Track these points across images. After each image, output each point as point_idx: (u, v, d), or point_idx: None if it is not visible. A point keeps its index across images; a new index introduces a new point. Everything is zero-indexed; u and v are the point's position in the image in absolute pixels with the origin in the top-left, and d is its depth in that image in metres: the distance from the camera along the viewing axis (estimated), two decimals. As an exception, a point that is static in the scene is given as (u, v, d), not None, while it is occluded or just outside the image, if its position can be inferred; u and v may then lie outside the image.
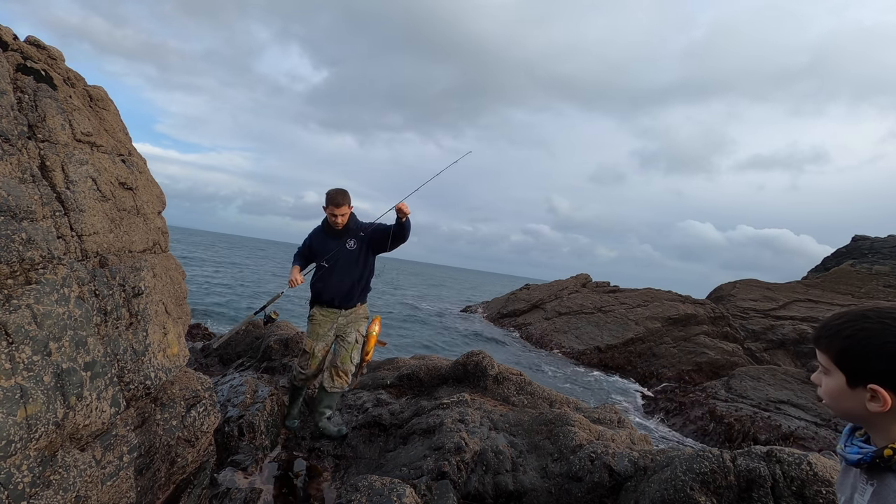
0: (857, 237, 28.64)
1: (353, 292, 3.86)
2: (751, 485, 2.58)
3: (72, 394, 1.75)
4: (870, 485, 0.95)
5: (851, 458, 0.98)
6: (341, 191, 3.78)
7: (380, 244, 3.75)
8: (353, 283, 3.84)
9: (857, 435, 1.04)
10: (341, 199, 3.74)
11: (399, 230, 3.60)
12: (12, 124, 2.01)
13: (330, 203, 3.75)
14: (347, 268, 3.81)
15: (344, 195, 3.76)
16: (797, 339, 18.18)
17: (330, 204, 3.75)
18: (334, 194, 3.74)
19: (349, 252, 3.80)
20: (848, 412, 1.00)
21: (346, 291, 3.83)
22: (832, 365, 1.00)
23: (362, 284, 3.92)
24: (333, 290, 3.82)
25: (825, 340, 1.01)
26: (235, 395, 4.04)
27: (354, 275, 3.84)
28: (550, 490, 3.13)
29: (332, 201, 3.74)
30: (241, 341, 6.37)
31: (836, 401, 1.00)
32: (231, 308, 16.77)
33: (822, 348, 1.03)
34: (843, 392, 0.98)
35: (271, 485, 3.30)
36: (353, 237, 3.82)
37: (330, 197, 3.76)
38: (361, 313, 4.00)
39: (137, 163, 3.00)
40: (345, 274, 3.81)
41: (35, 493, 1.55)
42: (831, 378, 1.01)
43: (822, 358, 1.03)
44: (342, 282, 3.81)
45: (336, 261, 3.78)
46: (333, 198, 3.74)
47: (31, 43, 2.60)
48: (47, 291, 1.78)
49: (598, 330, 18.41)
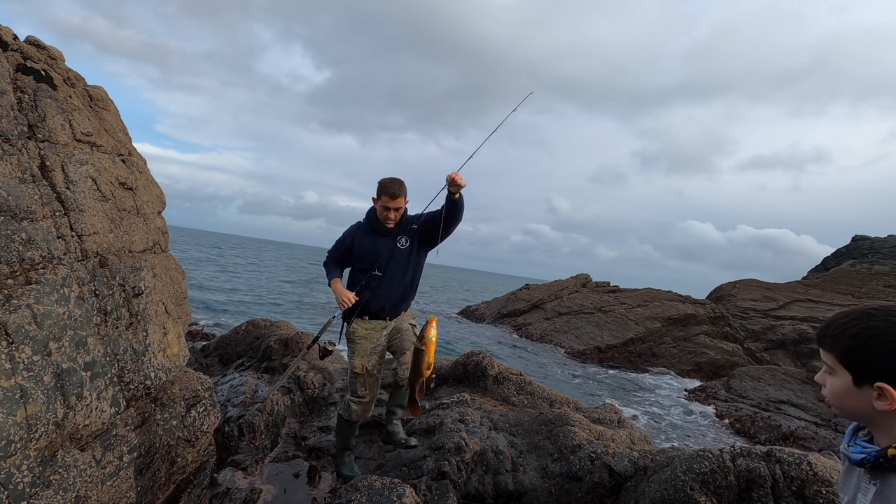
0: (857, 237, 28.66)
1: (405, 299, 3.27)
2: (751, 485, 2.58)
3: (72, 394, 1.75)
4: (872, 484, 0.95)
5: (855, 457, 0.98)
6: (397, 180, 3.09)
7: (431, 235, 3.10)
8: (405, 288, 3.23)
9: (860, 435, 1.04)
10: (397, 189, 3.06)
11: (452, 209, 2.92)
12: (12, 124, 2.01)
13: (383, 193, 3.07)
14: (399, 271, 3.18)
15: (401, 185, 3.08)
16: (797, 339, 18.18)
17: (383, 195, 3.07)
18: (389, 183, 3.07)
19: (401, 251, 3.16)
20: (853, 411, 0.99)
21: (398, 299, 3.21)
22: (837, 364, 0.99)
23: (414, 288, 3.33)
24: (384, 299, 3.17)
25: (830, 339, 1.00)
26: (235, 395, 4.04)
27: (406, 278, 3.22)
28: (550, 490, 3.13)
29: (386, 191, 3.06)
30: (241, 341, 6.37)
31: (842, 400, 0.99)
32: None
33: (826, 347, 1.02)
34: (850, 391, 0.97)
35: (271, 485, 3.30)
36: (404, 234, 3.18)
37: (383, 186, 3.07)
38: (408, 317, 3.41)
39: (137, 163, 3.00)
40: (397, 278, 3.17)
41: (35, 493, 1.55)
42: (836, 377, 1.00)
43: (826, 357, 1.02)
44: (393, 288, 3.17)
45: (387, 264, 3.13)
46: (388, 187, 3.06)
47: (31, 43, 2.60)
48: (47, 291, 1.78)
49: (598, 330, 18.41)
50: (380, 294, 3.15)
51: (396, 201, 3.07)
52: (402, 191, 3.08)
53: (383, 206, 3.09)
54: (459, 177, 2.78)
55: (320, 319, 16.94)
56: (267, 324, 6.65)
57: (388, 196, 3.06)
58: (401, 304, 3.25)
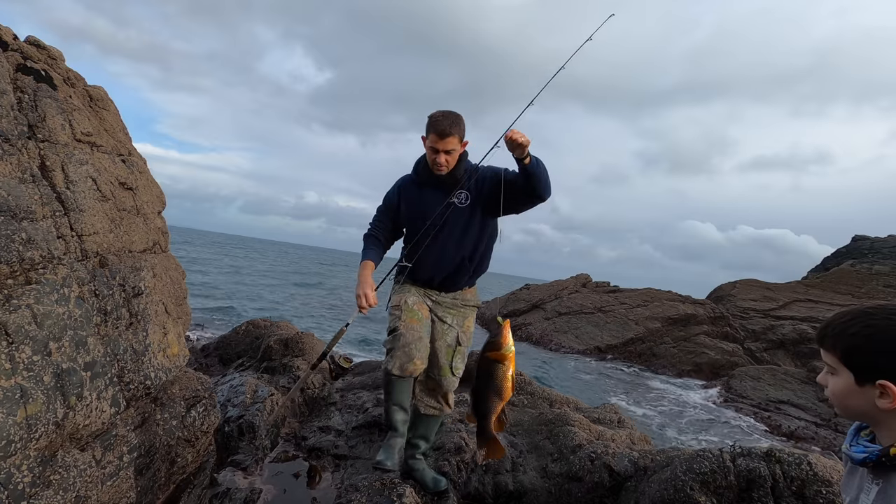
0: (856, 237, 28.67)
1: (461, 271, 2.54)
2: (751, 485, 2.58)
3: (72, 394, 1.75)
4: (875, 483, 0.95)
5: (857, 457, 0.98)
6: (450, 114, 2.38)
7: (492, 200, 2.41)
8: (462, 258, 2.51)
9: (862, 434, 1.04)
10: (448, 125, 2.34)
11: (525, 182, 2.27)
12: (12, 124, 2.01)
13: (432, 130, 2.37)
14: (455, 234, 2.48)
15: (454, 121, 2.36)
16: (797, 339, 18.18)
17: (432, 131, 2.37)
18: (439, 118, 2.36)
19: (459, 210, 2.47)
20: (856, 411, 0.99)
21: (452, 269, 2.53)
22: (839, 364, 0.99)
23: (477, 259, 2.59)
24: (433, 267, 2.51)
25: (830, 339, 1.00)
26: (235, 395, 4.04)
27: (466, 245, 2.51)
28: (550, 490, 3.13)
29: (434, 127, 2.36)
30: (241, 341, 6.37)
31: (844, 400, 0.99)
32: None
33: (827, 348, 1.01)
34: (852, 390, 0.97)
35: (271, 485, 3.30)
36: (463, 188, 2.48)
37: (433, 121, 2.37)
38: (470, 300, 2.67)
39: (137, 163, 3.00)
40: (451, 243, 2.49)
41: (35, 493, 1.55)
42: (838, 377, 1.00)
43: (827, 357, 1.02)
44: (446, 255, 2.50)
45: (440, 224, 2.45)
46: (437, 123, 2.35)
47: (31, 43, 2.60)
48: (47, 291, 1.78)
49: (598, 330, 18.41)
50: (427, 262, 2.49)
51: (446, 141, 2.35)
52: (456, 128, 2.36)
53: (431, 147, 2.41)
54: (518, 133, 2.09)
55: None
56: (267, 324, 6.66)
57: (435, 133, 2.35)
58: (456, 277, 2.56)
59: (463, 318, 2.65)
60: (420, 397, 2.66)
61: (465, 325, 2.65)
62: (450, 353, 2.57)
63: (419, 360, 2.43)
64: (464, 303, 2.64)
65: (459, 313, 2.64)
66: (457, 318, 2.63)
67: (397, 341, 2.41)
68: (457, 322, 2.62)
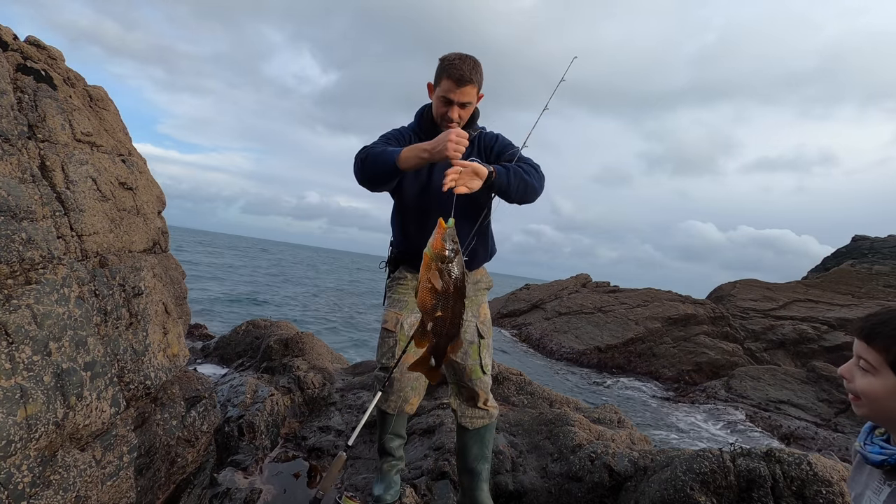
0: (857, 237, 28.66)
1: (475, 250, 2.15)
2: (751, 485, 2.58)
3: (72, 394, 1.75)
4: (888, 485, 0.94)
5: (874, 458, 0.96)
6: (468, 57, 1.95)
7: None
8: (468, 233, 2.08)
9: (876, 433, 1.02)
10: (469, 70, 1.92)
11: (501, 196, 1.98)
12: (12, 124, 2.01)
13: (445, 75, 1.94)
14: (464, 204, 1.96)
15: (475, 66, 1.94)
16: (797, 340, 18.17)
17: (445, 76, 1.94)
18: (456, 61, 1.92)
19: None
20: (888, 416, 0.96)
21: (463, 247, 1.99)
22: (884, 366, 0.95)
23: (485, 239, 2.25)
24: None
25: (883, 340, 0.95)
26: (235, 395, 4.04)
27: (476, 219, 2.13)
28: (550, 490, 3.13)
29: (450, 72, 1.92)
30: (241, 341, 6.38)
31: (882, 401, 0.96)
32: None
33: (876, 346, 0.96)
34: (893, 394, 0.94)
35: (271, 485, 3.30)
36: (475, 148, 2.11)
37: (448, 64, 1.94)
38: (482, 280, 2.34)
39: (137, 163, 3.00)
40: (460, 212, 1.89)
41: (35, 493, 1.55)
42: (878, 378, 0.96)
43: (869, 355, 0.97)
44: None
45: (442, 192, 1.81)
46: (454, 66, 1.92)
47: (31, 43, 2.60)
48: (47, 291, 1.78)
49: (598, 330, 18.41)
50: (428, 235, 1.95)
51: (463, 91, 1.93)
52: (477, 75, 1.95)
53: (442, 97, 1.97)
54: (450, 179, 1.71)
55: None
56: (267, 324, 6.66)
57: (451, 79, 1.92)
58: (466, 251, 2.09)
59: (478, 306, 2.30)
60: (462, 411, 2.41)
61: (480, 312, 2.31)
62: (475, 350, 2.26)
63: (416, 399, 2.31)
64: (475, 285, 2.28)
65: (472, 301, 2.25)
66: (471, 307, 2.24)
67: (391, 386, 2.19)
68: (472, 312, 2.25)
